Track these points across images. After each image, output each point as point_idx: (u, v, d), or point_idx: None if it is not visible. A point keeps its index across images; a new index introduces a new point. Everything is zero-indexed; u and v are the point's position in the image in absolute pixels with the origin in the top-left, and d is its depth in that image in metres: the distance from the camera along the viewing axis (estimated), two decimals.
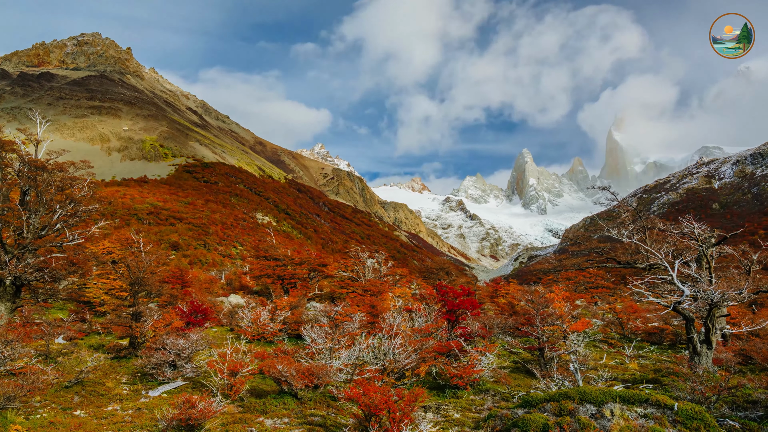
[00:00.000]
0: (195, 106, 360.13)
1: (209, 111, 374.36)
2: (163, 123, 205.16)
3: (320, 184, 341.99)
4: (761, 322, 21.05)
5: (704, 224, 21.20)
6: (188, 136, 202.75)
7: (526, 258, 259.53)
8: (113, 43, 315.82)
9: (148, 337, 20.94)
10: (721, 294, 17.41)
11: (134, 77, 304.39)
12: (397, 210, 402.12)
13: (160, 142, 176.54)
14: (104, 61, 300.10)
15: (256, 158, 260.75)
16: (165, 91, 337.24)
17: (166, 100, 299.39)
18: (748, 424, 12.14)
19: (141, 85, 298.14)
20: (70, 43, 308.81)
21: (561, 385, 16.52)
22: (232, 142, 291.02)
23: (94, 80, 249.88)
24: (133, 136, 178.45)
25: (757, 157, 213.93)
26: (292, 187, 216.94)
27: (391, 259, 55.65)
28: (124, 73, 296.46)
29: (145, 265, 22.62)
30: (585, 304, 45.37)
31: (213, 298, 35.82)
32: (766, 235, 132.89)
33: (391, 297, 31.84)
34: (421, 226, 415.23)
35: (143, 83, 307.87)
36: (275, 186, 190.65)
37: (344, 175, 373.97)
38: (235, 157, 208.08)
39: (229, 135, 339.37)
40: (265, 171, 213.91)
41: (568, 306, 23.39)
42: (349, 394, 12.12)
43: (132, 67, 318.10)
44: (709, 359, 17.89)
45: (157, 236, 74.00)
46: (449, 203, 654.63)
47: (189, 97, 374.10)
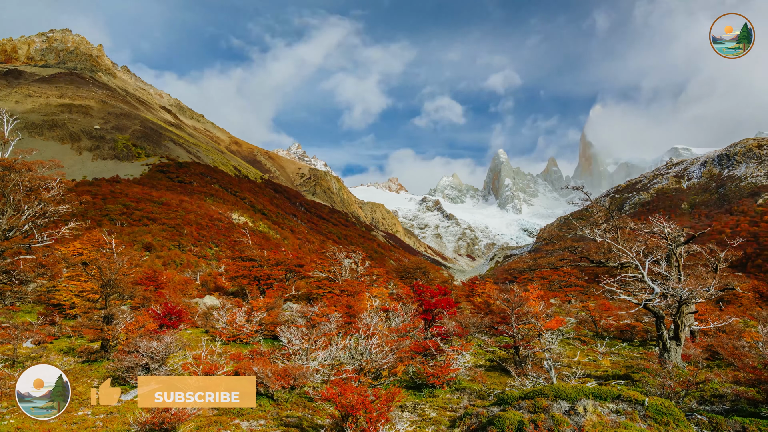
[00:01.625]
0: (169, 105, 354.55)
1: (184, 110, 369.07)
2: (136, 122, 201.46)
3: (297, 184, 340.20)
4: (727, 319, 21.68)
5: (674, 223, 21.71)
6: (162, 135, 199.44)
7: (502, 257, 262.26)
8: (84, 40, 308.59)
9: (121, 340, 20.53)
10: (689, 291, 17.88)
11: (106, 75, 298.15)
12: (374, 210, 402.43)
13: (133, 141, 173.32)
14: (75, 58, 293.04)
15: (232, 158, 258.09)
16: (138, 89, 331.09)
17: (139, 99, 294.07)
18: (715, 417, 12.49)
19: (113, 83, 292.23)
20: (39, 40, 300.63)
21: (536, 382, 16.74)
22: (208, 142, 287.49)
23: (64, 78, 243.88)
24: (105, 135, 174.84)
25: (724, 159, 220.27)
26: (269, 187, 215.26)
27: (369, 259, 55.65)
28: (95, 70, 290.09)
29: (117, 267, 22.19)
30: (559, 302, 46.08)
31: (188, 299, 35.31)
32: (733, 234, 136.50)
33: (368, 297, 31.84)
34: (398, 226, 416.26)
35: (115, 81, 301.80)
36: (251, 186, 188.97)
37: (321, 175, 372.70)
38: (210, 156, 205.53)
39: (205, 134, 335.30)
40: (241, 171, 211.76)
41: (542, 304, 23.68)
42: (326, 395, 12.09)
43: (104, 65, 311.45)
44: (678, 355, 18.33)
45: (130, 237, 72.68)
46: (426, 203, 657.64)
47: (163, 95, 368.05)
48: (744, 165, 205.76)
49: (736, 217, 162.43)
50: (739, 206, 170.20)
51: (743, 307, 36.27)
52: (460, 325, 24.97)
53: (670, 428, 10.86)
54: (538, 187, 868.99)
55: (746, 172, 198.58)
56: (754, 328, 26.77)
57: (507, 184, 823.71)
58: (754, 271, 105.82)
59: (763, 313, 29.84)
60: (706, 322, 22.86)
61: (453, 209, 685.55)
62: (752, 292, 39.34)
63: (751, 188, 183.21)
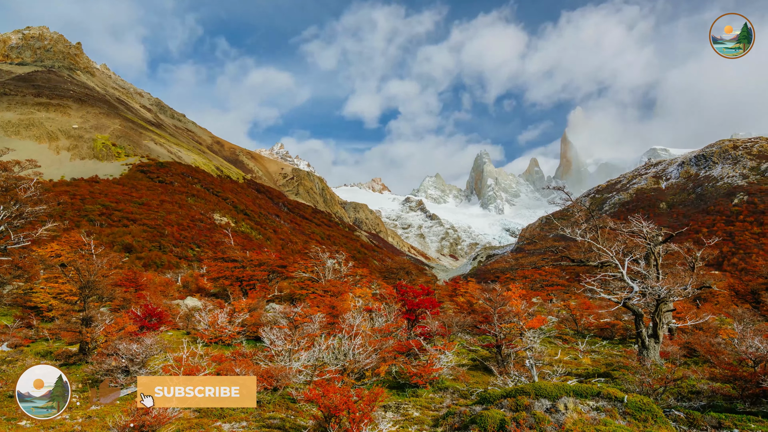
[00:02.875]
0: (149, 104, 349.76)
1: (164, 109, 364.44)
2: (116, 121, 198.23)
3: (280, 184, 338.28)
4: (704, 316, 22.09)
5: (652, 223, 22.09)
6: (142, 134, 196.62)
7: (485, 257, 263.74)
8: (62, 38, 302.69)
9: (100, 343, 20.22)
10: (667, 290, 18.20)
11: (84, 73, 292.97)
12: (357, 210, 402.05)
13: (113, 140, 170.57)
14: (52, 56, 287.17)
15: (214, 158, 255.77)
16: (117, 88, 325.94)
17: (118, 98, 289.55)
18: (692, 413, 12.75)
19: (92, 81, 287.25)
20: (15, 37, 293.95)
21: (517, 381, 16.90)
22: (189, 141, 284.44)
23: (41, 75, 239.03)
24: (84, 134, 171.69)
25: (701, 159, 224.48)
26: (251, 188, 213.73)
27: (352, 259, 55.59)
28: (73, 68, 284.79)
29: (96, 268, 21.86)
30: (541, 301, 46.53)
31: (169, 301, 34.91)
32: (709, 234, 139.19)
33: (351, 297, 31.81)
34: (381, 226, 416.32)
35: (94, 80, 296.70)
36: (233, 186, 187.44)
37: (304, 175, 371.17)
38: (191, 156, 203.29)
39: (186, 134, 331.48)
40: (223, 171, 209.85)
41: (524, 304, 23.90)
42: (309, 396, 12.05)
43: (82, 63, 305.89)
44: (656, 353, 18.64)
45: (110, 238, 71.59)
46: (409, 203, 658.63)
47: (143, 94, 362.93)
48: (720, 165, 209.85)
49: (712, 216, 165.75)
50: (716, 206, 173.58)
51: (719, 304, 36.96)
52: (443, 324, 25.08)
53: (649, 424, 11.04)
54: (520, 187, 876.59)
55: (722, 172, 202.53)
56: (729, 325, 27.31)
57: (489, 184, 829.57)
58: (730, 269, 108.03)
59: (738, 310, 30.47)
60: (684, 320, 23.29)
61: (436, 209, 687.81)
62: (728, 290, 40.09)
63: (726, 188, 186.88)
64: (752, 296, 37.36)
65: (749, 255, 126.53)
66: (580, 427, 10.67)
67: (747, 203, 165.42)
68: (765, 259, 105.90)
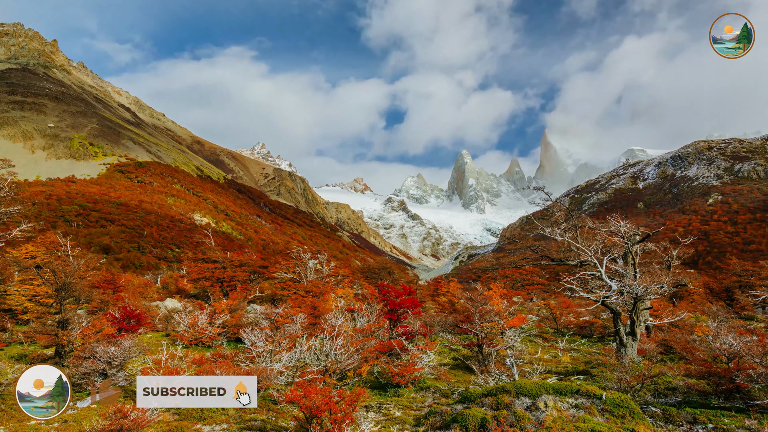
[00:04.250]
0: (128, 103, 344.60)
1: (143, 108, 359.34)
2: (93, 120, 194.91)
3: (261, 184, 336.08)
4: (680, 314, 22.54)
5: (630, 222, 22.46)
6: (120, 134, 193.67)
7: (466, 257, 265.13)
8: (37, 35, 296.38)
9: (76, 346, 19.86)
10: (644, 288, 18.52)
11: (60, 71, 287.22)
12: (339, 210, 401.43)
13: (90, 140, 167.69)
14: (27, 53, 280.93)
15: (194, 158, 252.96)
16: (95, 86, 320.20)
17: (96, 96, 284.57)
18: (668, 409, 12.99)
19: (68, 79, 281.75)
20: None
21: (498, 379, 17.03)
22: (168, 141, 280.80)
23: (15, 73, 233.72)
24: (60, 133, 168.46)
25: (677, 160, 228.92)
26: (232, 188, 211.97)
27: (334, 259, 55.42)
28: (49, 66, 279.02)
29: (73, 270, 21.47)
30: (521, 300, 46.97)
31: (148, 302, 34.45)
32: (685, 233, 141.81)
33: (333, 298, 31.73)
34: (363, 227, 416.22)
35: (71, 78, 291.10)
36: (214, 186, 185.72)
37: (286, 175, 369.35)
38: (171, 156, 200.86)
39: (165, 133, 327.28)
40: (203, 171, 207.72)
41: (505, 303, 24.12)
42: (290, 397, 11.99)
43: (58, 61, 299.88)
44: (634, 350, 18.96)
45: (87, 239, 70.40)
46: (391, 203, 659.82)
47: (121, 93, 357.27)
48: (695, 166, 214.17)
49: (688, 216, 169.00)
50: (691, 206, 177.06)
51: (695, 302, 37.69)
52: (424, 324, 25.16)
53: (626, 421, 11.23)
54: (501, 188, 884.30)
55: (697, 172, 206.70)
56: (704, 322, 27.88)
57: (471, 184, 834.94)
58: (705, 267, 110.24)
59: (713, 308, 31.11)
60: (660, 318, 23.69)
61: (418, 209, 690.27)
62: (703, 288, 40.93)
63: (702, 188, 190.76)
64: (726, 294, 38.21)
65: (723, 254, 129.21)
66: (559, 425, 10.81)
67: (721, 203, 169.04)
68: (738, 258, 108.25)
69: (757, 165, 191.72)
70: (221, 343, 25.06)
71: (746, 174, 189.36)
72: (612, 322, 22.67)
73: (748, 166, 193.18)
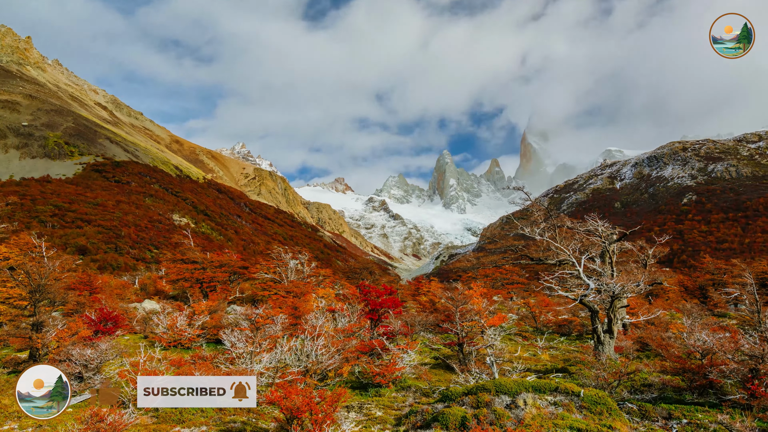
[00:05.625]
0: (105, 102, 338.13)
1: (120, 107, 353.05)
2: (69, 119, 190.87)
3: (241, 184, 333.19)
4: (656, 312, 22.99)
5: (607, 222, 22.82)
6: (97, 133, 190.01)
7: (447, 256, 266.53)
8: (10, 31, 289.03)
9: (51, 349, 19.45)
10: (621, 286, 18.83)
11: (35, 69, 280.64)
12: (320, 210, 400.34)
13: (66, 139, 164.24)
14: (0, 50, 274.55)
15: (173, 157, 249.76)
16: (71, 84, 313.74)
17: (72, 95, 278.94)
18: (644, 405, 13.24)
19: (43, 77, 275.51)
20: None
21: (479, 378, 17.15)
22: (146, 140, 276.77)
23: None
24: (35, 132, 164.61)
25: (653, 160, 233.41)
26: (212, 188, 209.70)
27: (315, 259, 55.19)
28: (23, 63, 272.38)
29: (48, 272, 21.05)
30: (501, 299, 47.37)
31: (125, 304, 33.88)
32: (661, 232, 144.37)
33: (314, 298, 31.60)
34: (344, 227, 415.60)
35: (45, 76, 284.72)
36: (193, 186, 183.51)
37: (266, 175, 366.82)
38: (149, 155, 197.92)
39: (143, 132, 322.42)
40: (182, 171, 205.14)
41: (485, 302, 24.28)
42: (271, 398, 11.92)
43: (32, 58, 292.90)
44: (611, 347, 19.26)
45: (62, 240, 69.04)
46: (372, 203, 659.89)
47: (98, 91, 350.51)
48: (670, 166, 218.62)
49: (663, 215, 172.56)
50: (667, 205, 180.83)
51: (670, 300, 38.39)
52: (405, 324, 25.23)
53: (604, 417, 11.41)
54: (482, 188, 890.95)
55: (672, 173, 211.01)
56: (679, 320, 28.44)
57: (452, 184, 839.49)
58: (680, 266, 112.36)
59: (687, 305, 31.73)
60: (637, 316, 24.13)
61: (399, 209, 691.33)
62: (678, 286, 41.74)
63: (676, 188, 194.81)
64: (700, 292, 38.99)
65: (697, 252, 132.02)
66: (538, 422, 10.93)
67: (695, 203, 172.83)
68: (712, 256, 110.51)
69: (730, 165, 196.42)
70: (201, 344, 24.79)
71: (719, 174, 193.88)
72: (590, 320, 23.01)
73: (721, 166, 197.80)
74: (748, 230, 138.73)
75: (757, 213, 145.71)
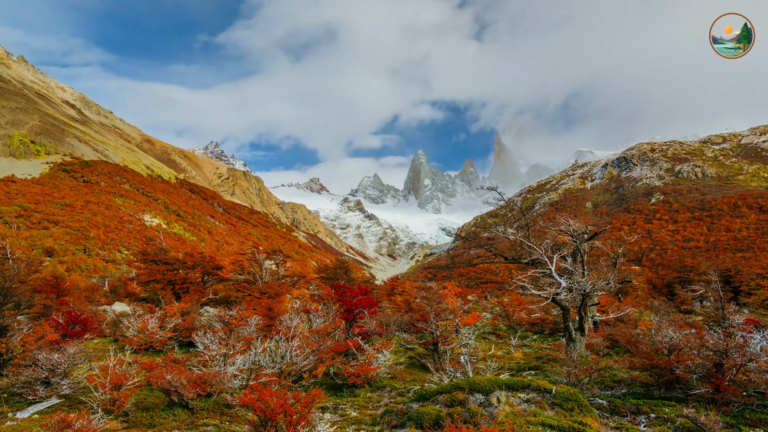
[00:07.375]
0: (73, 100, 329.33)
1: (89, 105, 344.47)
2: (35, 117, 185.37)
3: (215, 184, 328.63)
4: (625, 309, 23.48)
5: (578, 221, 23.22)
6: (65, 131, 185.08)
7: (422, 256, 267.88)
8: None
9: (16, 353, 18.88)
10: (592, 285, 19.20)
11: None
12: (295, 210, 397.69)
13: (32, 137, 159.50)
14: None
15: (144, 157, 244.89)
16: (36, 81, 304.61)
17: (38, 92, 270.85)
18: (614, 401, 13.54)
19: (8, 74, 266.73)
20: None
21: (453, 377, 17.28)
22: (117, 139, 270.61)
23: None
24: None
25: (622, 161, 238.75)
26: (184, 188, 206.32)
27: (290, 260, 54.85)
28: None
29: (13, 274, 20.42)
30: (476, 298, 47.86)
31: (94, 307, 33.10)
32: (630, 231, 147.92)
33: (288, 299, 31.43)
34: (319, 227, 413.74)
35: (10, 72, 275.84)
36: (165, 186, 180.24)
37: (240, 174, 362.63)
38: (119, 155, 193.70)
39: (113, 131, 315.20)
40: (153, 170, 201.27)
41: (460, 301, 24.52)
42: (244, 400, 11.80)
43: None
44: (582, 345, 19.62)
45: (28, 241, 67.01)
46: (348, 203, 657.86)
47: (66, 89, 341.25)
48: (639, 167, 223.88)
49: (633, 215, 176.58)
50: (636, 205, 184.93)
51: (639, 297, 39.34)
52: (381, 324, 25.25)
53: (575, 413, 11.62)
54: (456, 188, 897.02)
55: (641, 173, 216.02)
56: (648, 317, 29.19)
57: (427, 184, 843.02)
58: (648, 264, 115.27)
59: (655, 303, 32.57)
60: (607, 313, 24.62)
61: (374, 209, 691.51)
62: (647, 284, 42.77)
63: (645, 189, 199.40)
64: (668, 289, 40.04)
65: (665, 251, 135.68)
66: (511, 419, 11.07)
67: (663, 202, 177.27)
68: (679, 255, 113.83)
69: (695, 166, 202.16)
70: (173, 347, 24.40)
71: (686, 175, 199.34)
72: (562, 318, 23.39)
73: (687, 167, 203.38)
74: (713, 229, 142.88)
75: (722, 213, 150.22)
